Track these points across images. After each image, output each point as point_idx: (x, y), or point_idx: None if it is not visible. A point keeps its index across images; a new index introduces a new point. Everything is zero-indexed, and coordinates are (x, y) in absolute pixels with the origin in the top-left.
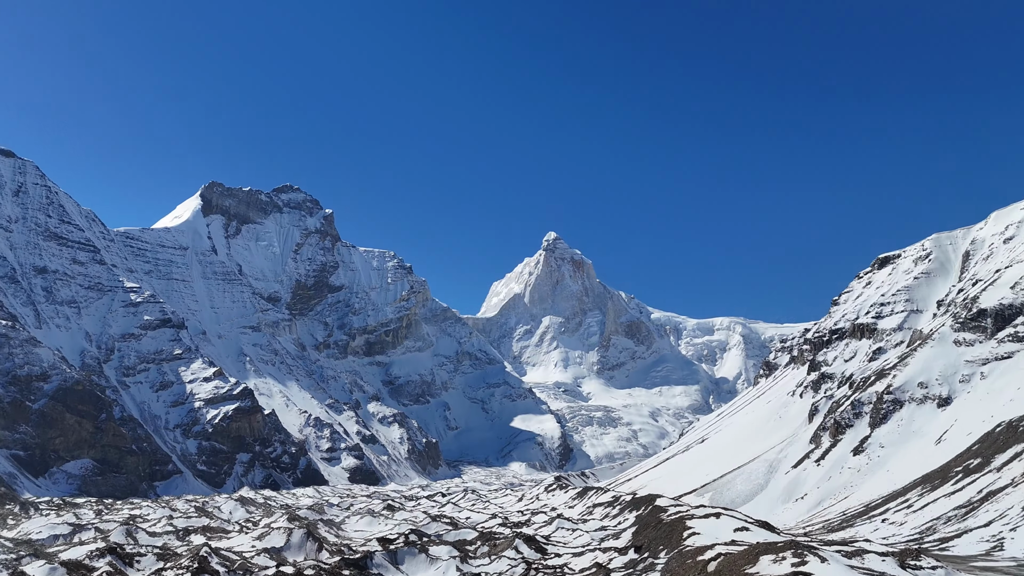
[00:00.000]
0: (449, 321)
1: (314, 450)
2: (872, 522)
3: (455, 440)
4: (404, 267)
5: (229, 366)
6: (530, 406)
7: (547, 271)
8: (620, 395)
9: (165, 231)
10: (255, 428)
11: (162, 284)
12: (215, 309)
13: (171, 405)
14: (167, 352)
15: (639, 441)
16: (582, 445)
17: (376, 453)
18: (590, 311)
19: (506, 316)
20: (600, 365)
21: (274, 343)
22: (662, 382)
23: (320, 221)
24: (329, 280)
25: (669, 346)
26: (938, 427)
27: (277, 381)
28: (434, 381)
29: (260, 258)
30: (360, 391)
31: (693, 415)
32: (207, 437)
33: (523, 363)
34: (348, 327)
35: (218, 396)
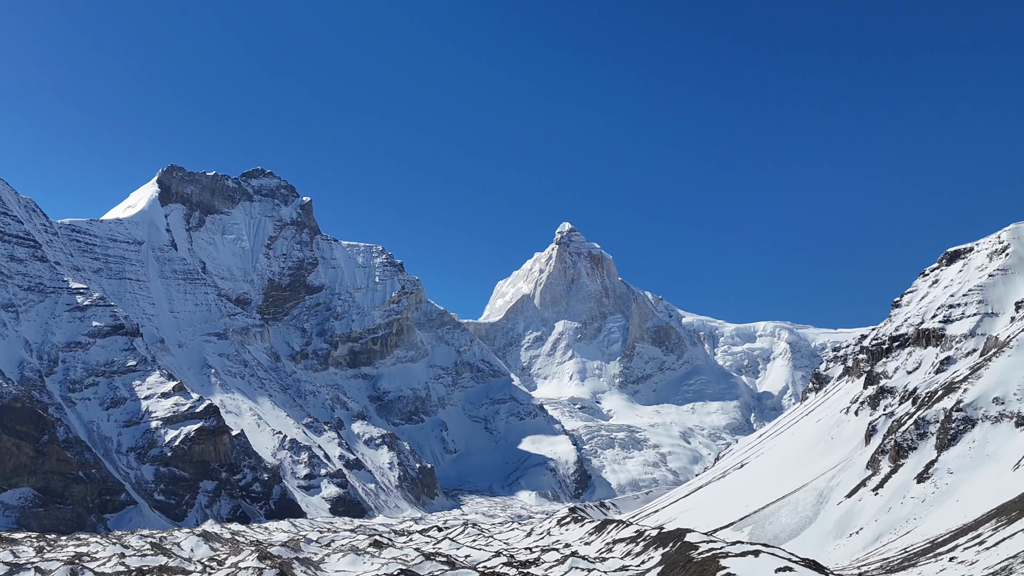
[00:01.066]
0: (447, 327)
1: (290, 477)
2: (938, 561)
3: (453, 465)
4: (394, 264)
5: (191, 380)
6: (541, 425)
7: (561, 268)
8: (646, 412)
9: (116, 223)
10: (221, 452)
11: (113, 284)
12: (175, 313)
13: (124, 425)
14: (119, 364)
15: (668, 466)
16: (601, 471)
17: (362, 480)
18: (611, 315)
19: (513, 320)
20: (623, 378)
21: (243, 353)
22: (695, 397)
23: (296, 211)
24: (307, 279)
25: (703, 355)
26: (1016, 450)
27: (247, 397)
28: (429, 397)
29: (227, 254)
30: (343, 408)
31: (731, 436)
32: (166, 462)
33: (533, 375)
34: (329, 334)
35: (178, 414)
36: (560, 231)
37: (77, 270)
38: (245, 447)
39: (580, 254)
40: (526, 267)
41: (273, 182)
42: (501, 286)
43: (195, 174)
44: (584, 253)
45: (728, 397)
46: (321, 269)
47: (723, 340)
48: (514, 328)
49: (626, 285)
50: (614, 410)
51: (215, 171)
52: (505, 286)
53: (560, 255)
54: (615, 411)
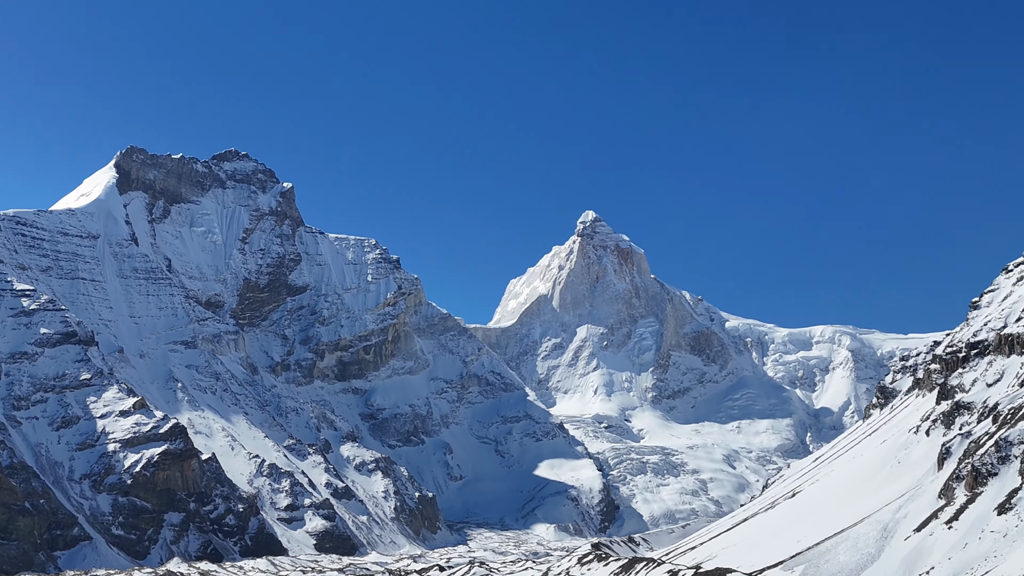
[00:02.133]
0: (451, 333)
1: (269, 508)
2: None
3: (459, 494)
4: (390, 260)
5: (155, 395)
6: (561, 448)
7: (583, 264)
8: (684, 432)
9: (68, 214)
10: (189, 479)
11: (65, 285)
12: (136, 319)
13: (77, 448)
14: (71, 377)
15: (709, 495)
16: (631, 501)
17: (352, 512)
18: (642, 318)
19: (528, 325)
20: (656, 392)
21: (215, 364)
22: (741, 414)
23: (276, 199)
24: (288, 278)
25: (751, 365)
26: None
27: (219, 415)
28: (431, 414)
29: (196, 249)
30: (331, 428)
31: (783, 459)
32: (125, 491)
33: (551, 389)
34: (314, 342)
35: (140, 436)
36: (583, 221)
37: (22, 269)
38: (217, 473)
39: (606, 248)
40: (543, 263)
41: (249, 166)
42: (514, 285)
43: (158, 157)
44: (611, 246)
45: (780, 414)
46: (305, 266)
47: (774, 347)
48: (529, 334)
49: (660, 283)
50: (646, 429)
51: (181, 153)
52: (519, 285)
53: (583, 249)
54: (647, 431)
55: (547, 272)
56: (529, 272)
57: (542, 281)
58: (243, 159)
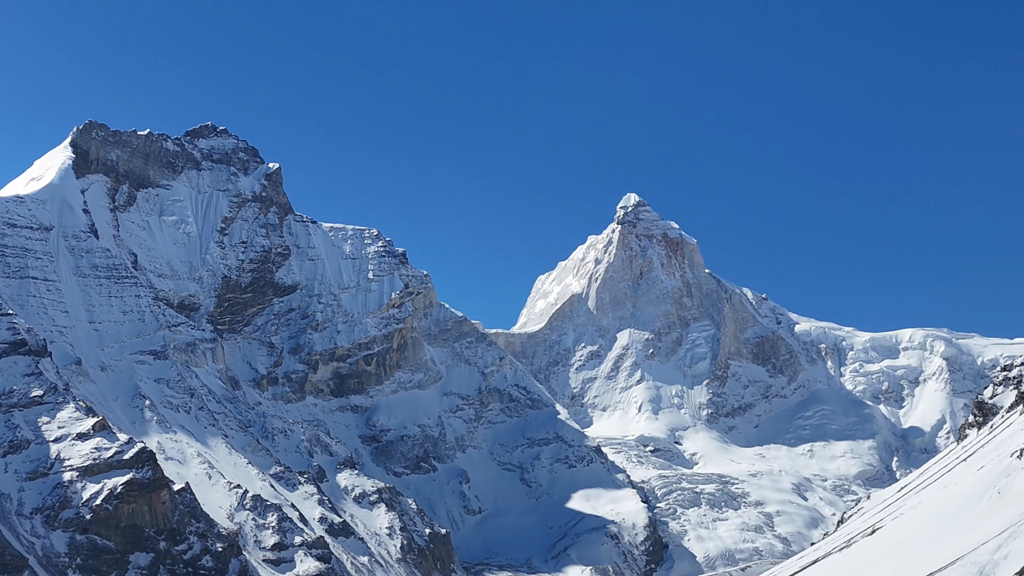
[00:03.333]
0: (468, 339)
1: (252, 547)
2: None
3: (477, 530)
4: (395, 254)
5: (118, 414)
6: (598, 475)
7: (625, 257)
8: (745, 457)
9: (15, 201)
10: (159, 513)
11: (12, 286)
12: (96, 324)
13: (27, 477)
14: (20, 394)
15: (776, 531)
16: (683, 538)
17: (351, 551)
18: (695, 321)
19: (559, 330)
20: (712, 408)
21: (189, 378)
22: (815, 435)
23: (260, 182)
24: (275, 276)
25: (825, 376)
26: None
27: (194, 438)
28: (444, 436)
29: (166, 242)
30: (325, 453)
31: (865, 488)
32: (84, 528)
33: (587, 406)
34: (307, 351)
35: (101, 463)
36: (623, 206)
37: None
38: (192, 507)
39: (651, 237)
40: (576, 256)
41: (228, 143)
42: (543, 283)
43: (122, 134)
44: (657, 236)
45: (861, 435)
46: (295, 261)
47: (853, 355)
48: (561, 340)
49: (716, 280)
50: (700, 454)
51: (149, 129)
52: (548, 283)
53: (624, 239)
54: (702, 455)
55: (581, 267)
56: (560, 267)
57: (575, 278)
58: (221, 135)
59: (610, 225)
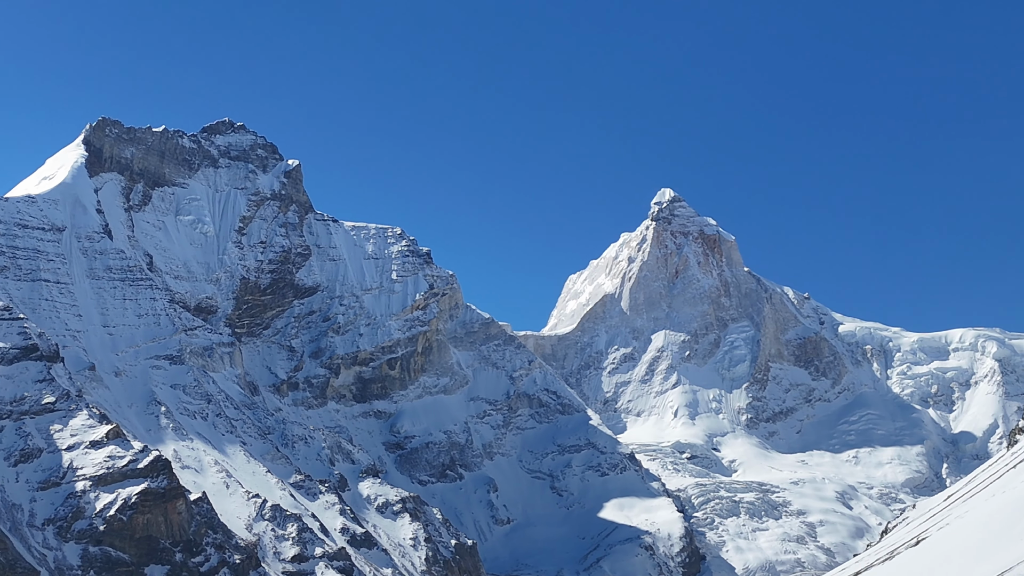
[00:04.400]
0: (495, 342)
1: (272, 559)
2: None
3: (506, 541)
4: (419, 253)
5: (133, 422)
6: (632, 484)
7: (660, 255)
8: (787, 464)
9: (27, 202)
10: (175, 524)
11: (23, 289)
12: (110, 328)
13: (39, 487)
14: (32, 400)
15: (819, 542)
16: (721, 549)
17: (373, 563)
18: (734, 321)
19: (591, 332)
20: (752, 413)
21: (206, 383)
22: (860, 441)
23: (280, 179)
24: (295, 277)
25: (871, 379)
26: None
27: (211, 446)
28: (470, 443)
29: (183, 243)
30: (347, 461)
31: (913, 496)
32: (97, 539)
33: (620, 411)
34: (328, 354)
35: (115, 472)
36: (658, 202)
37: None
38: (208, 517)
39: (687, 234)
40: (609, 255)
41: (247, 139)
42: (574, 282)
43: (137, 131)
44: (693, 232)
45: (909, 440)
46: (315, 262)
47: (900, 357)
48: (593, 343)
49: (755, 278)
50: (739, 461)
51: (164, 126)
52: (579, 282)
53: (658, 236)
54: (741, 462)
55: (614, 266)
56: (592, 266)
57: (608, 277)
58: (239, 132)
59: (644, 222)
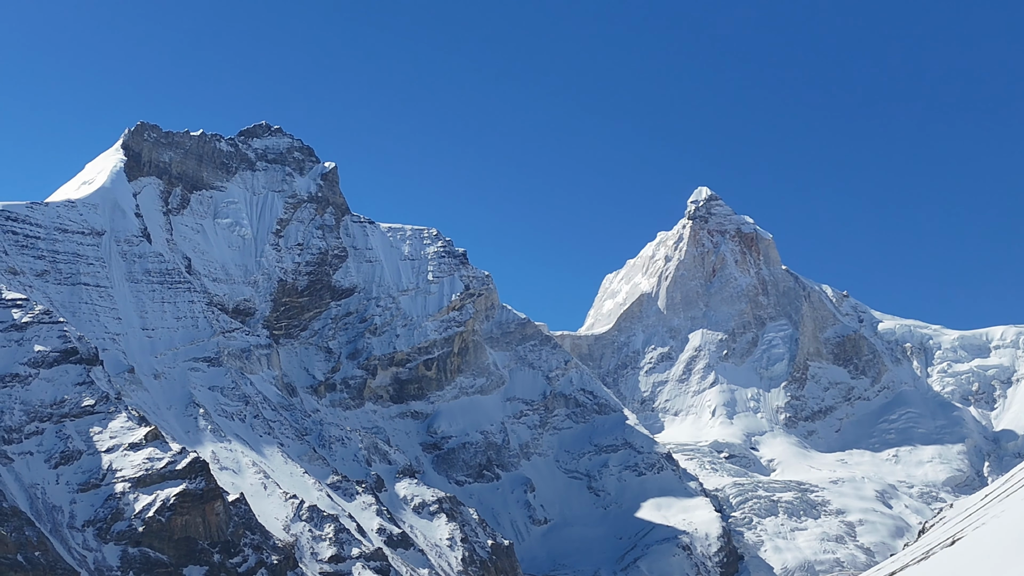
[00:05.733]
0: (531, 342)
1: (309, 559)
2: None
3: (543, 541)
4: (455, 254)
5: (171, 424)
6: (670, 483)
7: (697, 254)
8: (826, 463)
9: (67, 206)
10: (213, 525)
11: (63, 292)
12: (148, 331)
13: (79, 489)
14: (72, 403)
15: (858, 541)
16: (759, 549)
17: (410, 564)
18: (772, 320)
19: (627, 331)
20: (791, 412)
21: (244, 385)
22: (900, 440)
23: (316, 182)
24: (332, 279)
25: (911, 377)
26: None
27: (249, 447)
28: (507, 443)
29: (220, 245)
30: (384, 461)
31: (953, 495)
32: (136, 540)
33: (657, 410)
34: (365, 356)
35: (153, 473)
36: (694, 200)
37: (13, 273)
38: (246, 518)
39: (724, 233)
40: (645, 254)
41: (283, 142)
42: (610, 282)
43: (175, 135)
44: (730, 231)
45: (949, 439)
46: (352, 264)
47: (941, 355)
48: (629, 342)
49: (793, 276)
50: (778, 460)
51: (202, 130)
52: (616, 282)
53: (695, 235)
54: (780, 461)
55: (651, 265)
56: (628, 265)
57: (645, 276)
58: (276, 134)
59: (681, 220)
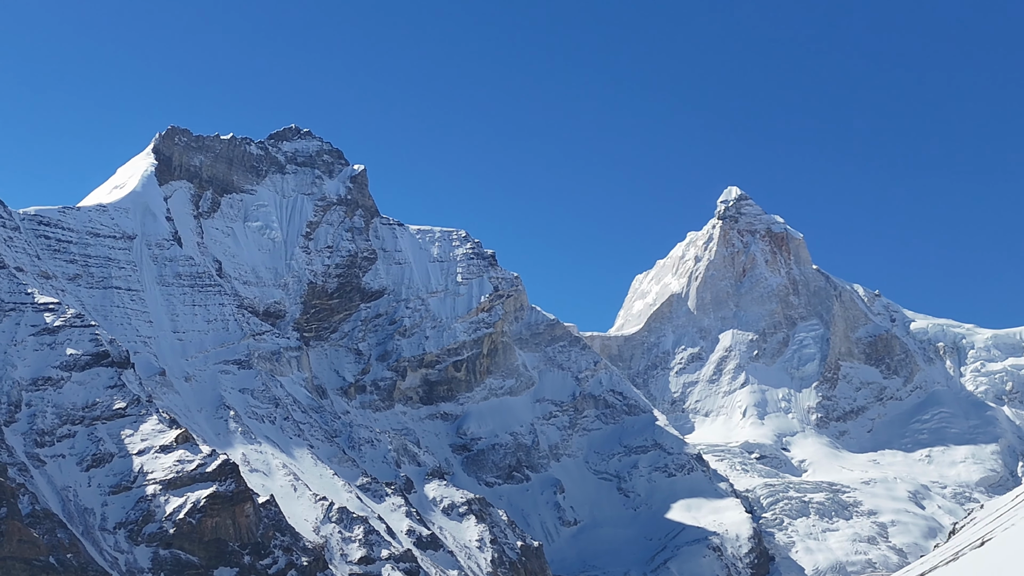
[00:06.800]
0: (560, 343)
1: (339, 560)
2: None
3: (572, 542)
4: (484, 255)
5: (202, 426)
6: (700, 484)
7: (727, 254)
8: (858, 463)
9: (98, 211)
10: (243, 527)
11: (95, 296)
12: (179, 334)
13: (110, 492)
14: (103, 406)
15: (890, 542)
16: (790, 550)
17: (439, 565)
18: (803, 320)
19: (658, 332)
20: (822, 413)
21: (274, 387)
22: (933, 440)
23: (346, 184)
24: (362, 281)
25: (944, 377)
26: None
27: (279, 449)
28: (537, 444)
29: (251, 248)
30: (414, 463)
31: (987, 495)
32: (167, 542)
33: (687, 411)
34: (395, 357)
35: (184, 476)
36: (724, 200)
37: (46, 277)
38: (276, 519)
39: (755, 232)
40: (675, 254)
41: (313, 145)
42: (640, 282)
43: (205, 138)
44: (760, 231)
45: (983, 439)
46: (381, 266)
47: (974, 354)
48: (659, 343)
49: (824, 276)
50: (809, 460)
51: (232, 133)
52: (646, 282)
53: (725, 235)
54: (811, 462)
55: (680, 265)
56: (658, 266)
57: (674, 276)
58: (305, 137)
59: (710, 220)
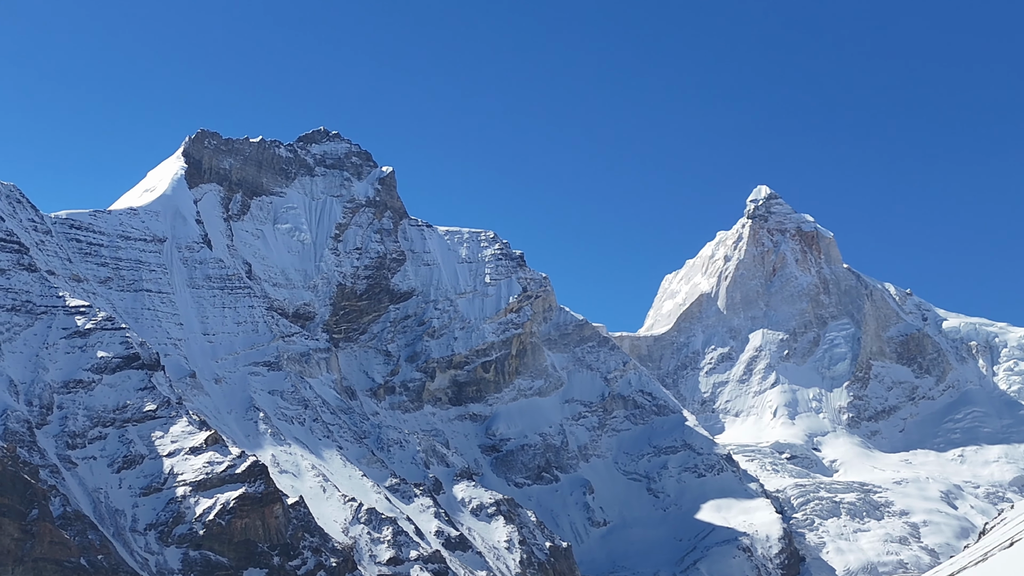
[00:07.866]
0: (589, 344)
1: (367, 561)
2: None
3: (602, 543)
4: (512, 256)
5: (232, 428)
6: (730, 485)
7: (757, 253)
8: (889, 463)
9: (129, 214)
10: (273, 528)
11: (126, 299)
12: (209, 336)
13: (141, 493)
14: (134, 408)
15: (922, 543)
16: (821, 551)
17: (468, 566)
18: (833, 319)
19: (687, 332)
20: (853, 412)
21: (303, 389)
22: (965, 439)
23: (374, 186)
24: (391, 282)
25: (977, 376)
26: None
27: (308, 450)
28: (566, 445)
29: (280, 251)
30: (442, 464)
31: (1021, 494)
32: (197, 543)
33: (718, 411)
34: (424, 358)
35: (214, 477)
36: (754, 199)
37: (77, 281)
38: (305, 521)
39: (784, 231)
40: (705, 253)
41: (341, 148)
42: (669, 282)
43: (234, 141)
44: (790, 230)
45: (1016, 438)
46: (410, 267)
47: (1007, 353)
48: (689, 343)
49: (855, 274)
50: (840, 460)
51: (261, 136)
52: (675, 282)
53: (755, 234)
54: (842, 462)
55: (710, 265)
56: (688, 265)
57: (704, 276)
58: (334, 140)
59: (740, 220)
